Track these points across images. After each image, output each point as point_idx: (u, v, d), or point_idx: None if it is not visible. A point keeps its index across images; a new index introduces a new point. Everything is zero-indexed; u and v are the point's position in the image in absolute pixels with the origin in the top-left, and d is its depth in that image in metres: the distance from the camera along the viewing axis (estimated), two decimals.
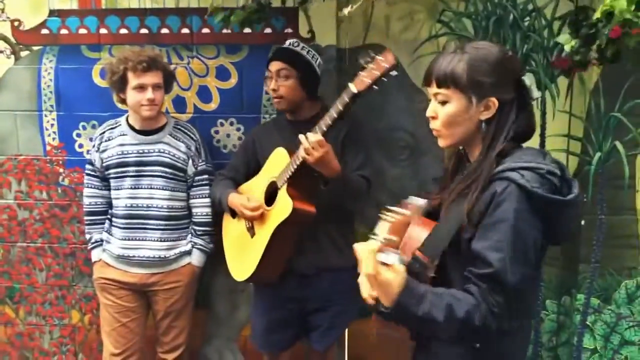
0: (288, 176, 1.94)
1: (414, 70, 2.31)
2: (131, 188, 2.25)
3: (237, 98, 2.42)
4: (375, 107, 2.35)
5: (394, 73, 1.69)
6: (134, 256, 2.26)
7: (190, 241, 2.33)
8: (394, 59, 1.67)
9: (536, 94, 1.27)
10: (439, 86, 1.22)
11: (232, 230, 2.19)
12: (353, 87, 1.75)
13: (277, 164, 2.01)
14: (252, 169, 2.19)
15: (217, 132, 2.46)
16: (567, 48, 1.58)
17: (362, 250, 1.12)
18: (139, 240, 2.26)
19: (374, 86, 1.71)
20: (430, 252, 1.20)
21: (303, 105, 2.09)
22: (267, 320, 2.17)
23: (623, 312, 2.36)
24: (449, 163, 1.38)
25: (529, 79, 1.26)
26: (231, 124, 2.45)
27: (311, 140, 1.80)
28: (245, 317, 2.57)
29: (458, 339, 1.18)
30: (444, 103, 1.22)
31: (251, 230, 2.07)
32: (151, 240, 2.26)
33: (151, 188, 2.25)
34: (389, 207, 1.20)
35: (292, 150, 1.96)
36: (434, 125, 1.25)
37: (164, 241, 2.26)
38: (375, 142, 2.36)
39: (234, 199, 2.09)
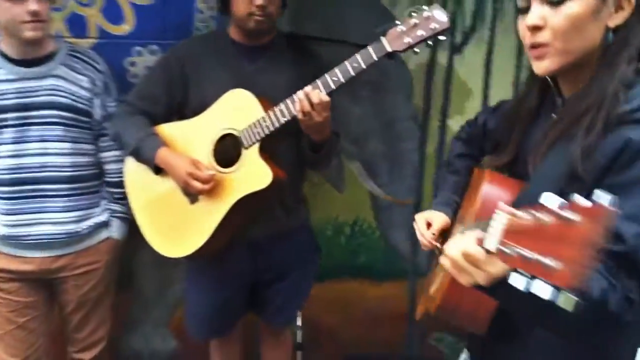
0: (263, 135, 1.48)
1: None
2: (14, 143, 1.65)
3: (159, 18, 1.84)
4: (333, 32, 1.92)
5: (442, 37, 1.34)
6: (28, 235, 1.68)
7: (107, 208, 1.79)
8: (447, 21, 1.32)
9: None
10: None
11: (153, 189, 1.64)
12: (387, 44, 1.36)
13: (237, 110, 1.52)
14: (177, 103, 1.63)
15: (133, 63, 1.87)
16: None
17: (461, 259, 0.77)
18: (33, 213, 1.67)
19: (414, 49, 1.35)
20: None
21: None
22: (212, 302, 1.74)
23: None
24: (525, 99, 1.03)
25: None
26: (152, 52, 1.86)
27: (316, 100, 1.38)
28: (178, 296, 2.10)
29: (580, 330, 0.87)
30: (558, 4, 0.85)
31: (192, 196, 1.57)
32: (52, 212, 1.68)
33: (44, 140, 1.66)
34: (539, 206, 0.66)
35: (262, 98, 1.50)
36: (543, 37, 0.87)
37: (72, 211, 1.70)
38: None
39: (171, 159, 1.55)
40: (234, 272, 1.70)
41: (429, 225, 1.20)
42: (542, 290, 0.61)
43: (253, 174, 1.50)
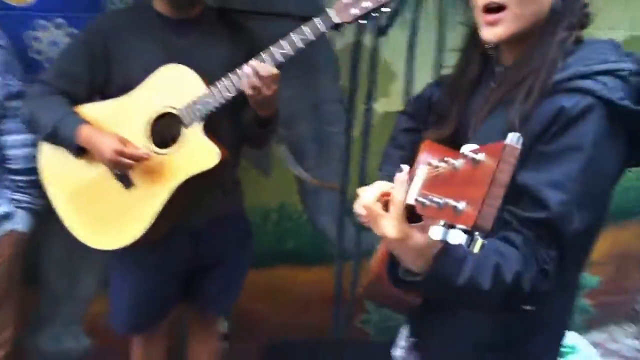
0: (207, 112, 1.39)
1: None
2: None
3: None
4: (259, 5, 1.85)
5: (386, 9, 1.33)
6: None
7: (10, 198, 1.61)
8: None
9: None
10: None
11: (78, 176, 1.49)
12: (335, 16, 1.33)
13: (175, 87, 1.42)
14: (99, 83, 1.49)
15: (36, 38, 1.69)
16: None
17: (374, 204, 0.77)
18: None
19: (360, 21, 1.33)
20: None
21: None
22: (143, 294, 1.61)
23: None
24: (466, 70, 1.03)
25: None
26: (58, 26, 1.69)
27: (265, 74, 1.32)
28: (90, 291, 1.96)
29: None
30: None
31: (125, 180, 1.45)
32: None
33: None
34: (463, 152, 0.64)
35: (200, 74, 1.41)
36: None
37: None
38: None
39: (95, 137, 1.41)
40: (169, 260, 1.59)
41: None
42: (456, 237, 0.59)
43: (198, 153, 1.41)
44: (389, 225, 0.73)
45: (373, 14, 1.33)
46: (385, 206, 0.77)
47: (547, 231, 0.81)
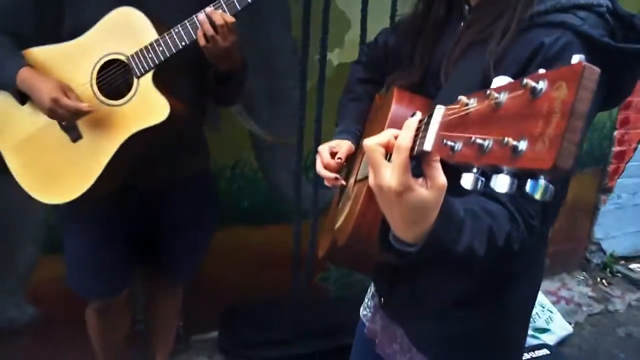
0: (157, 61, 1.27)
1: None
2: None
3: None
4: None
5: None
6: None
7: None
8: None
9: None
10: None
11: (24, 126, 1.36)
12: None
13: (125, 32, 1.29)
14: (48, 25, 1.34)
15: None
16: None
17: (377, 149, 0.62)
18: None
19: None
20: None
21: None
22: (100, 255, 1.51)
23: None
24: (430, 10, 0.96)
25: None
26: None
27: (220, 22, 1.21)
28: (31, 258, 1.84)
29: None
30: None
31: (73, 131, 1.32)
32: None
33: None
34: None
35: (155, 20, 1.28)
36: None
37: None
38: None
39: (35, 81, 1.27)
40: (123, 219, 1.49)
41: (333, 155, 1.09)
42: (503, 184, 0.47)
43: (147, 106, 1.29)
44: (389, 175, 0.60)
45: None
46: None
47: None
